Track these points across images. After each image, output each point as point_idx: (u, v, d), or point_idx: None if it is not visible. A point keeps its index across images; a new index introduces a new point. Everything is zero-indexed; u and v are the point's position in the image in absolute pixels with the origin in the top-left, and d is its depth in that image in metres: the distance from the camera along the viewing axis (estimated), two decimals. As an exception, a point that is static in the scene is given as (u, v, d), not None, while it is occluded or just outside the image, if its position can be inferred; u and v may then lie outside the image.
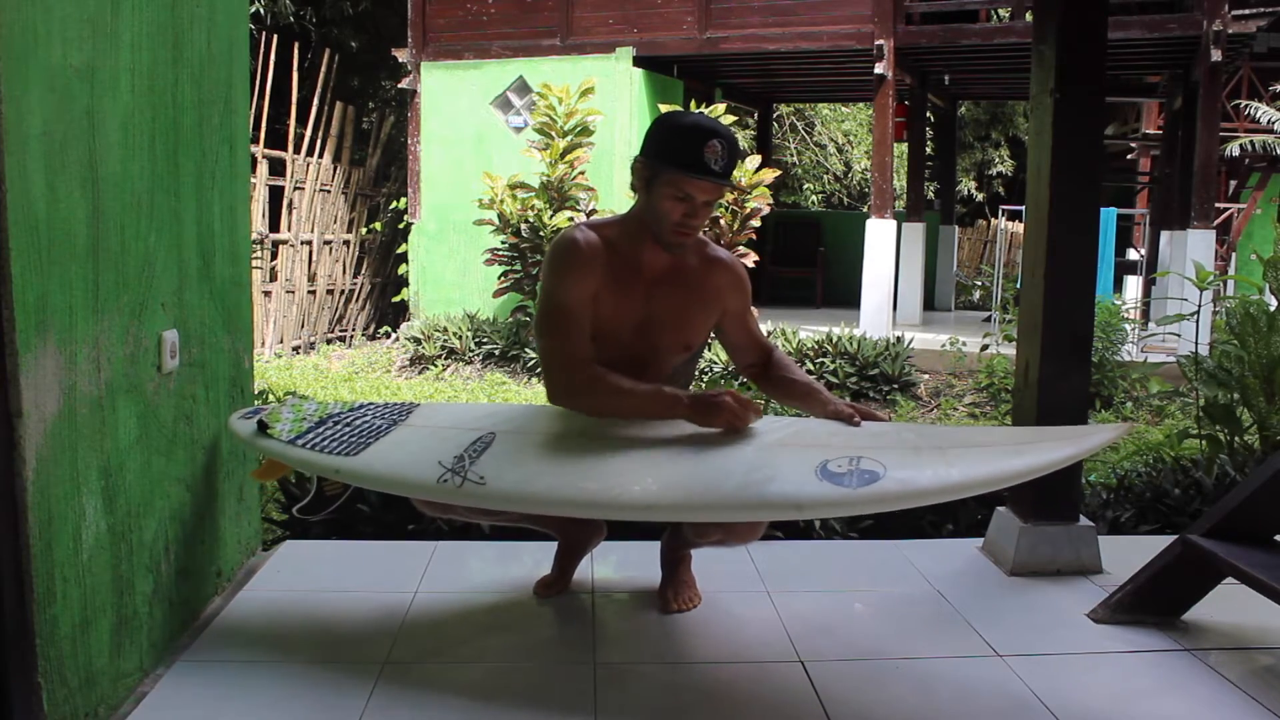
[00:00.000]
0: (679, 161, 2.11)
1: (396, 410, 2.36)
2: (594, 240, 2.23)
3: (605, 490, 1.94)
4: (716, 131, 2.13)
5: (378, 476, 2.13)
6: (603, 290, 2.21)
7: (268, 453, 2.29)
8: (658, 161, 2.16)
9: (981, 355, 7.82)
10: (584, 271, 2.20)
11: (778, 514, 2.08)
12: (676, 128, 2.17)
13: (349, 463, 2.14)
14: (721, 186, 2.17)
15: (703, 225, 2.22)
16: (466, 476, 2.01)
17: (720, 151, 2.11)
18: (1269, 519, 2.36)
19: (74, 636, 1.83)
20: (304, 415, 2.34)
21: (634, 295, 2.24)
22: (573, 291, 2.19)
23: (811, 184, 18.39)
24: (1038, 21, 2.92)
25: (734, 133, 2.22)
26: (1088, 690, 2.16)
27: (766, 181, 8.33)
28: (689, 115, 2.24)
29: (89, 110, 1.85)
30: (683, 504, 1.93)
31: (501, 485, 2.00)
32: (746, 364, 2.40)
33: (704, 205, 2.16)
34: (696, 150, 2.10)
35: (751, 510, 1.96)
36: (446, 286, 10.42)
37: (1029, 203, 2.91)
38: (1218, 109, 9.32)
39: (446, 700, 2.07)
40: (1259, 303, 4.25)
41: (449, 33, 10.48)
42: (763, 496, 1.86)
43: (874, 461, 1.86)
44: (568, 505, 2.04)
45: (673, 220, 2.16)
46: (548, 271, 2.24)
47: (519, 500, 2.04)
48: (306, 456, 2.20)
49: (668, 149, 2.15)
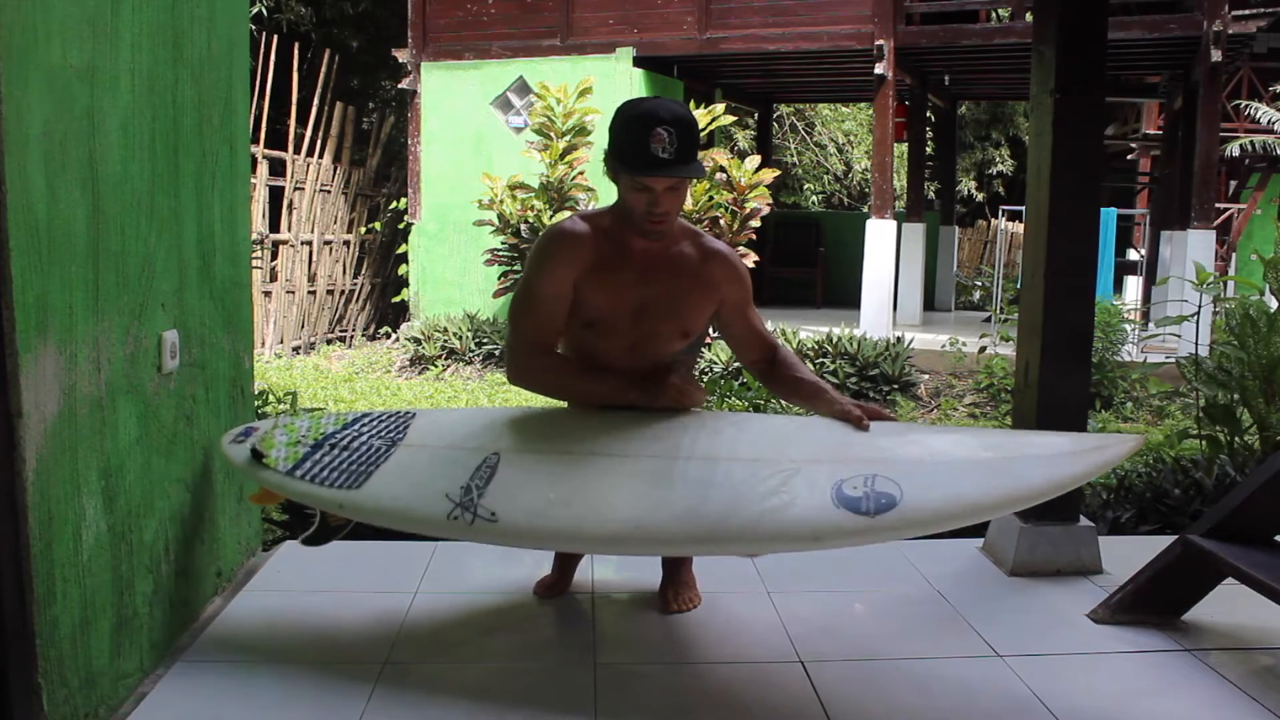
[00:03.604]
0: (628, 158, 2.10)
1: (393, 425, 2.29)
2: (582, 230, 2.22)
3: (624, 525, 1.92)
4: (660, 119, 2.06)
5: (384, 512, 2.09)
6: (592, 277, 2.21)
7: (266, 484, 2.24)
8: (613, 158, 2.16)
9: (980, 356, 7.81)
10: (563, 262, 2.20)
11: (796, 545, 2.07)
12: (625, 121, 2.13)
13: (353, 497, 2.10)
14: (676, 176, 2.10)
15: (676, 209, 2.17)
16: (477, 513, 1.98)
17: (668, 139, 2.05)
18: (1269, 519, 2.36)
19: (74, 637, 1.83)
20: (298, 438, 2.26)
21: (627, 281, 2.23)
22: (547, 281, 2.20)
23: (811, 184, 18.39)
24: (1038, 22, 2.92)
25: (686, 111, 2.11)
26: (1088, 690, 2.16)
27: (766, 182, 8.32)
28: (640, 104, 2.15)
29: (89, 110, 1.85)
30: (702, 537, 1.92)
31: (515, 521, 1.97)
32: (751, 360, 2.39)
33: (668, 192, 2.12)
34: (643, 143, 2.06)
35: (769, 543, 1.96)
36: (446, 287, 10.42)
37: (1029, 203, 2.91)
38: (1218, 109, 9.32)
39: (446, 700, 2.07)
40: (1259, 303, 4.25)
41: (449, 33, 10.48)
42: (781, 528, 1.85)
43: (889, 481, 1.85)
44: (588, 542, 2.03)
45: (640, 212, 2.15)
46: (530, 259, 2.26)
47: (537, 538, 2.03)
48: (308, 490, 2.15)
49: (619, 145, 2.14)
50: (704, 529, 1.90)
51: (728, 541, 1.93)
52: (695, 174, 2.12)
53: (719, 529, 1.89)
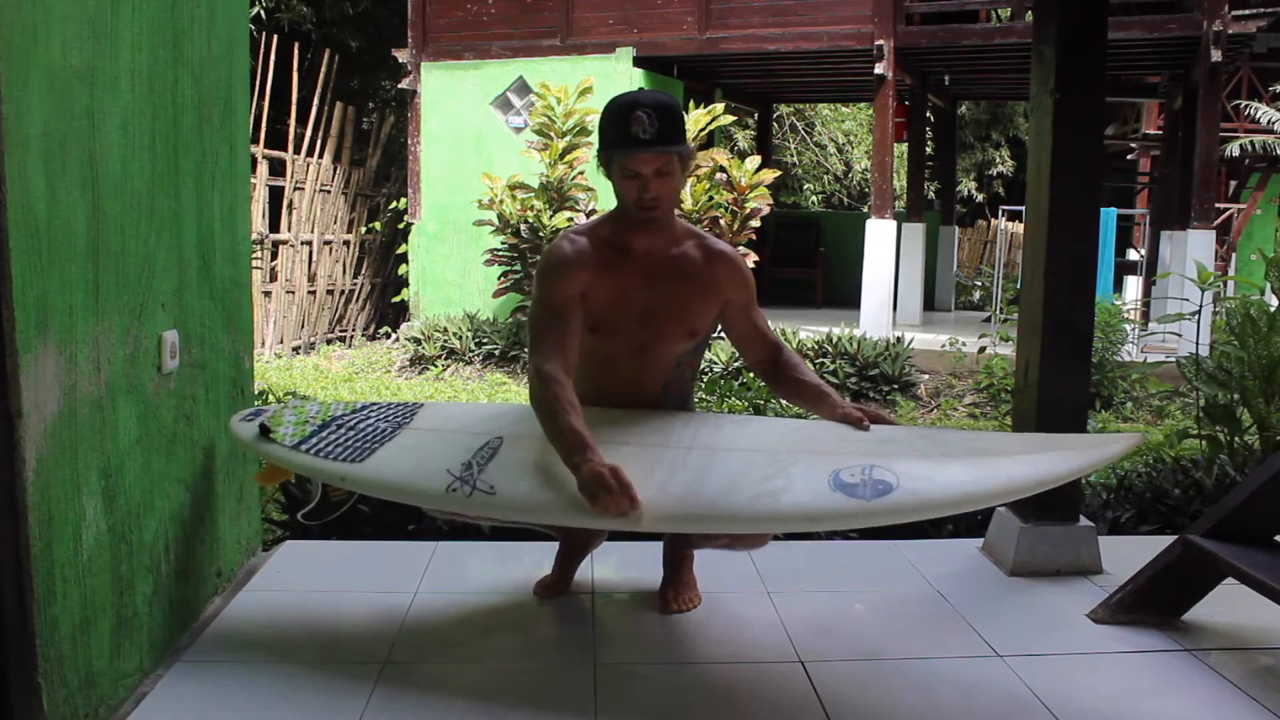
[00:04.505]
0: (612, 142, 2.18)
1: (400, 412, 2.34)
2: (580, 244, 2.26)
3: None
4: (639, 102, 2.16)
5: (385, 484, 2.11)
6: (596, 284, 2.24)
7: (271, 458, 2.28)
8: (601, 148, 2.23)
9: (980, 356, 7.82)
10: (568, 276, 2.22)
11: (791, 526, 2.07)
12: (608, 112, 2.22)
13: (355, 470, 2.13)
14: (658, 154, 2.16)
15: (668, 195, 2.21)
16: (476, 486, 2.00)
17: (647, 120, 2.13)
18: (1269, 519, 2.36)
19: (74, 637, 1.83)
20: (306, 418, 2.32)
21: (632, 284, 2.25)
22: (553, 298, 2.22)
23: (811, 184, 18.39)
24: (1038, 22, 2.92)
25: (667, 98, 2.22)
26: (1088, 690, 2.16)
27: (766, 182, 8.33)
28: (621, 96, 2.24)
29: (89, 110, 1.85)
30: (696, 516, 1.93)
31: (512, 495, 1.99)
32: (755, 360, 2.41)
33: (655, 176, 2.18)
34: (624, 127, 2.15)
35: (765, 523, 1.97)
36: (446, 287, 10.42)
37: (1029, 203, 2.91)
38: (1218, 109, 9.32)
39: (446, 700, 2.07)
40: (1259, 303, 4.25)
41: (449, 33, 10.48)
42: (776, 509, 1.86)
43: (887, 471, 1.86)
44: (581, 518, 2.03)
45: (632, 198, 2.21)
46: (536, 282, 2.30)
47: (531, 511, 2.04)
48: (311, 463, 2.19)
49: (604, 134, 2.22)
50: (700, 508, 1.91)
51: (724, 520, 1.93)
52: (675, 152, 2.18)
53: (715, 508, 1.90)
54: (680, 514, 1.93)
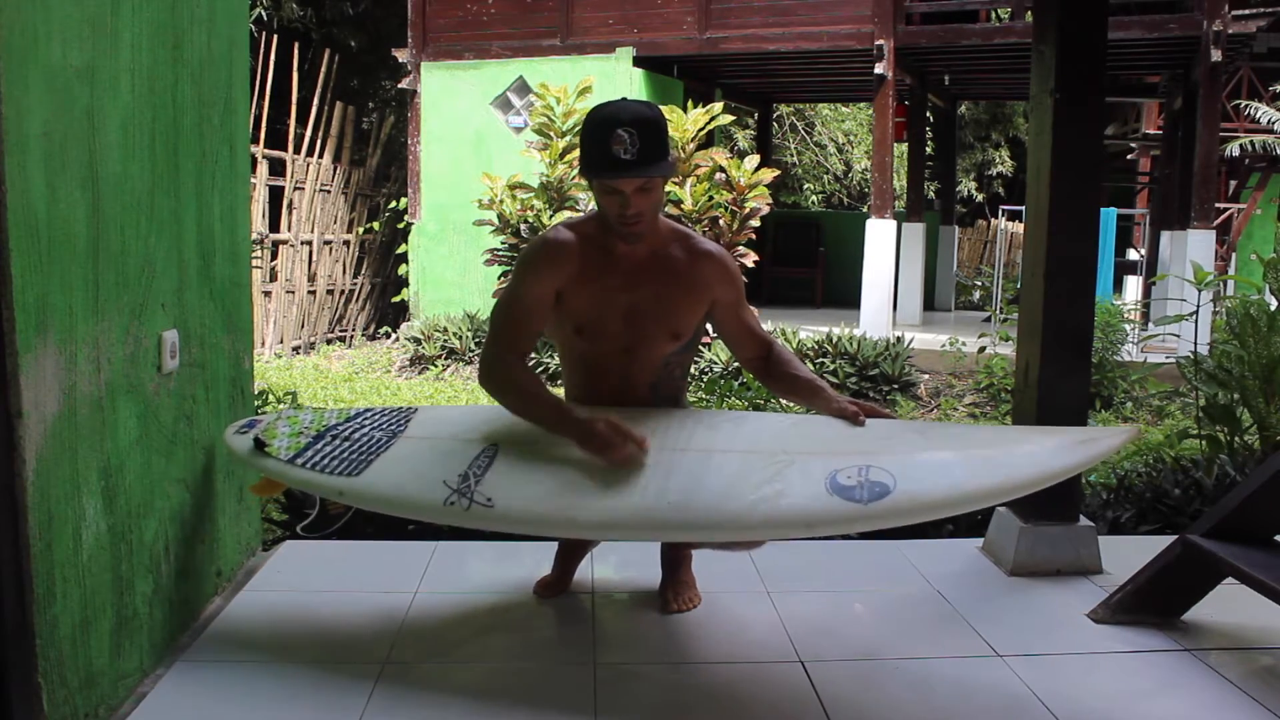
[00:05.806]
0: (592, 161, 2.14)
1: (394, 419, 2.32)
2: (566, 238, 2.24)
3: (616, 510, 1.94)
4: (621, 120, 2.08)
5: (383, 499, 2.11)
6: (578, 284, 2.23)
7: (267, 472, 2.26)
8: (582, 166, 2.19)
9: (980, 356, 7.82)
10: (546, 271, 2.22)
11: (789, 532, 2.08)
12: (588, 125, 2.16)
13: (352, 484, 2.12)
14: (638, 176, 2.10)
15: (649, 210, 2.17)
16: (473, 499, 2.00)
17: (628, 140, 2.06)
18: (1269, 519, 2.36)
19: (74, 637, 1.83)
20: (301, 429, 2.29)
21: (614, 285, 2.24)
22: (530, 288, 2.22)
23: (811, 184, 18.39)
24: (1038, 22, 2.92)
25: (651, 111, 2.13)
26: (1088, 690, 2.16)
27: (766, 181, 8.32)
28: (603, 108, 2.17)
29: (89, 110, 1.85)
30: (694, 524, 1.93)
31: (510, 507, 1.99)
32: (746, 357, 2.40)
33: (638, 193, 2.13)
34: (604, 148, 2.08)
35: (763, 530, 1.97)
36: (446, 286, 10.42)
37: (1029, 203, 2.91)
38: (1218, 109, 9.32)
39: (446, 700, 2.07)
40: (1259, 303, 4.25)
41: (449, 33, 10.48)
42: (773, 514, 1.86)
43: (883, 471, 1.86)
44: (580, 528, 2.04)
45: (614, 214, 2.17)
46: (516, 268, 2.28)
47: (529, 523, 2.04)
48: (308, 477, 2.17)
49: (585, 152, 2.17)
50: (698, 514, 1.91)
51: (721, 527, 1.93)
52: (658, 174, 2.11)
53: (713, 514, 1.90)
54: (678, 522, 1.93)
